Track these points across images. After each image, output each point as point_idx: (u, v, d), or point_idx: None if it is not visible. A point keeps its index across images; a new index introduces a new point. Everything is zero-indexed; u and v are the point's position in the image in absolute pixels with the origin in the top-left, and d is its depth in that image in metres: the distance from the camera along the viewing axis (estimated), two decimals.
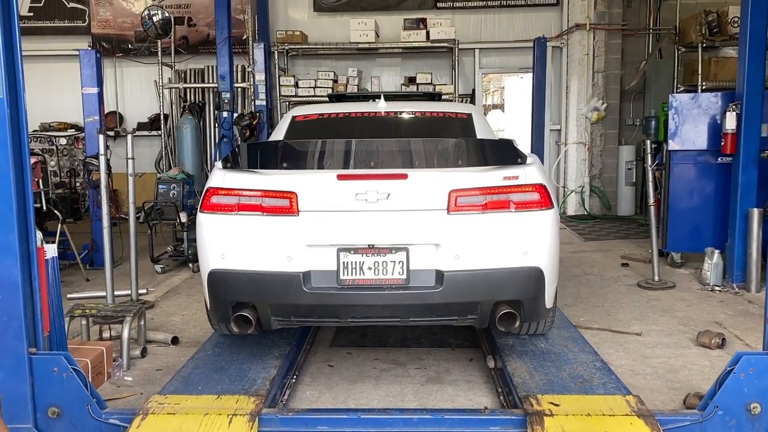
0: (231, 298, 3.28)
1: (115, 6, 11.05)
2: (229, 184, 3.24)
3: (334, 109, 4.44)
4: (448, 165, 3.19)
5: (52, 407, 3.04)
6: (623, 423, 2.86)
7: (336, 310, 3.22)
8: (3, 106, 2.82)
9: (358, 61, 10.78)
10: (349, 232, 3.13)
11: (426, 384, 4.00)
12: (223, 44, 8.46)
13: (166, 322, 5.23)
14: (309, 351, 4.51)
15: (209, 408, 3.02)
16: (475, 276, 3.13)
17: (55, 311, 3.46)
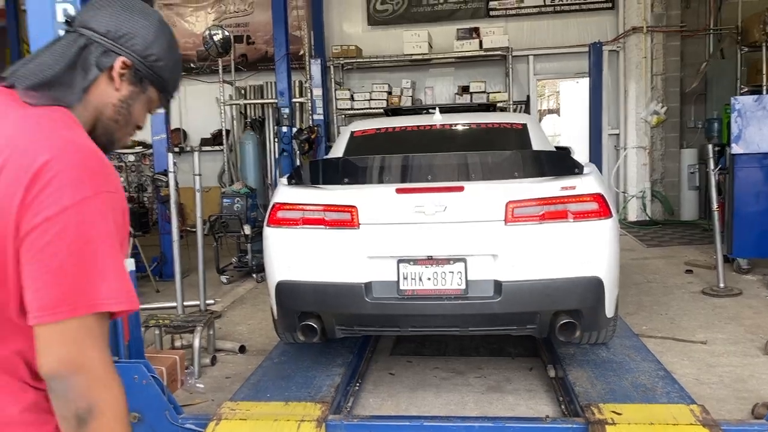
0: (297, 308, 3.43)
1: (179, 27, 11.53)
2: (294, 199, 3.39)
3: (390, 123, 4.56)
4: (504, 176, 3.25)
5: (133, 412, 3.23)
6: None
7: (397, 319, 3.32)
8: None
9: (412, 72, 10.91)
10: (409, 244, 3.23)
11: (486, 393, 4.05)
12: (282, 61, 8.73)
13: (233, 331, 5.44)
14: (370, 360, 4.62)
15: (278, 414, 3.16)
16: (533, 286, 3.18)
17: (133, 322, 3.69)
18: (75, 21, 1.30)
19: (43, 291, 1.11)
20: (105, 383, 1.15)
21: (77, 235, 1.11)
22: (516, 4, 10.67)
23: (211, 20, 11.33)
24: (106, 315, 1.16)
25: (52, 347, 1.12)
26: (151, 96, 1.37)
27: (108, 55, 1.27)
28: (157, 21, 1.34)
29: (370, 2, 11.05)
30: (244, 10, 11.38)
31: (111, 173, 1.20)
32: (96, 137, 1.29)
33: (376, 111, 10.29)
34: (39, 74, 1.22)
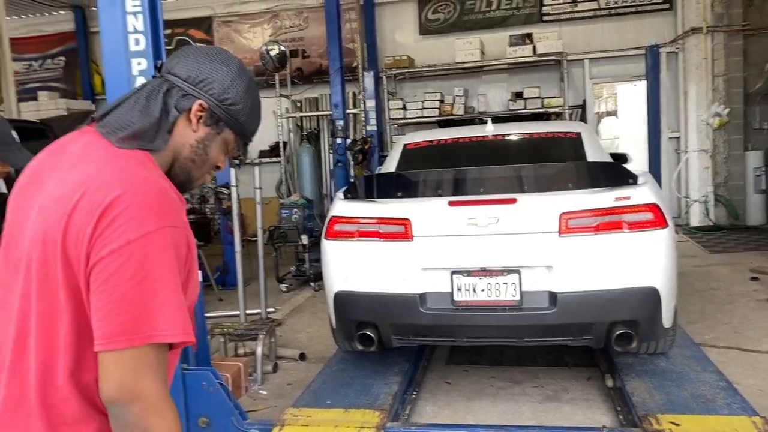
0: (355, 317, 3.54)
1: (236, 44, 11.91)
2: (349, 212, 3.51)
3: (443, 135, 4.64)
4: (557, 188, 3.28)
5: (202, 417, 3.40)
6: None
7: (452, 329, 3.40)
8: None
9: (464, 79, 10.94)
10: (462, 256, 3.30)
11: (543, 402, 4.06)
12: (336, 74, 8.92)
13: (293, 338, 5.61)
14: (427, 368, 4.69)
15: (338, 421, 3.27)
16: (588, 297, 3.19)
17: (200, 330, 3.87)
18: (163, 67, 1.40)
19: (105, 320, 1.17)
20: (159, 412, 1.19)
21: (139, 268, 1.17)
22: (570, 8, 10.58)
23: (267, 36, 11.65)
24: (164, 346, 1.20)
25: (111, 374, 1.18)
26: (228, 138, 1.43)
27: (187, 98, 1.36)
28: (236, 68, 1.41)
29: (422, 13, 11.16)
30: (299, 24, 11.66)
31: (177, 209, 1.27)
32: (173, 176, 1.38)
33: (429, 119, 10.38)
34: (127, 127, 1.32)
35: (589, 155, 3.88)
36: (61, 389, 1.24)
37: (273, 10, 11.78)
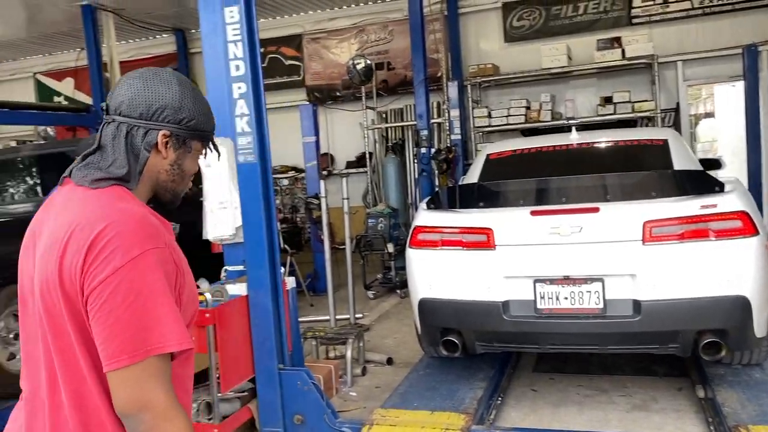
0: (439, 324, 3.68)
1: (325, 59, 12.33)
2: (433, 222, 3.66)
3: (526, 144, 4.70)
4: (641, 196, 3.29)
5: (297, 415, 3.64)
6: None
7: (535, 337, 3.46)
8: (257, 170, 3.53)
9: (551, 85, 10.83)
10: (544, 264, 3.36)
11: (631, 411, 4.03)
12: (420, 86, 9.10)
13: (380, 343, 5.80)
14: (512, 375, 4.74)
15: (424, 422, 3.41)
16: (673, 305, 3.18)
17: (294, 334, 4.13)
18: (109, 110, 1.45)
19: (106, 343, 1.27)
20: (169, 418, 1.28)
21: (129, 290, 1.27)
22: (660, 9, 10.27)
23: (354, 50, 11.99)
24: (165, 356, 1.29)
25: (119, 390, 1.27)
26: (196, 148, 1.51)
27: (150, 134, 1.43)
28: (176, 84, 1.46)
29: (506, 20, 11.15)
30: (384, 38, 11.93)
31: (158, 232, 1.36)
32: (160, 198, 1.50)
33: (515, 127, 10.35)
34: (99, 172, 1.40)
35: (675, 163, 3.84)
36: (95, 412, 1.33)
37: (359, 24, 12.11)
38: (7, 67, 14.29)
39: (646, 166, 3.81)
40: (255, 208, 3.56)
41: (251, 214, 3.56)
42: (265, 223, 3.56)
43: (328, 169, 12.19)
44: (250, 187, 3.54)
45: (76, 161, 1.45)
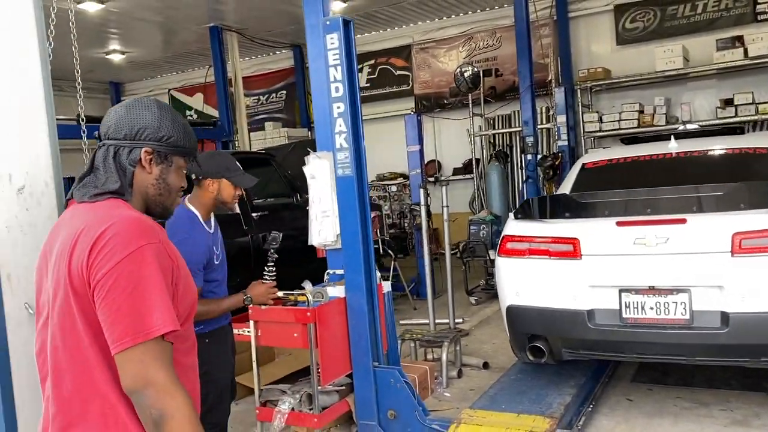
0: (526, 330, 3.81)
1: (433, 68, 12.60)
2: (521, 231, 3.79)
3: (623, 154, 4.70)
4: (729, 208, 3.26)
5: (390, 410, 3.90)
6: None
7: (620, 345, 3.51)
8: (353, 182, 3.83)
9: (666, 88, 10.46)
10: (630, 274, 3.41)
11: (729, 426, 3.95)
12: (526, 92, 9.13)
13: (478, 348, 5.95)
14: (608, 384, 4.74)
15: (510, 423, 3.56)
16: (764, 318, 3.13)
17: (390, 334, 4.39)
18: (102, 137, 1.65)
19: (111, 329, 1.44)
20: (170, 393, 1.42)
21: (128, 281, 1.43)
22: None
23: (462, 58, 12.17)
24: (163, 339, 1.45)
25: (125, 370, 1.43)
26: (179, 163, 1.69)
27: (133, 152, 1.61)
28: (155, 108, 1.64)
29: (619, 22, 10.89)
30: (492, 45, 12.02)
31: (154, 231, 1.52)
32: (151, 212, 1.66)
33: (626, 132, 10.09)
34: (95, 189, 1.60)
35: None
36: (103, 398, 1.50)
37: (468, 33, 12.29)
38: (146, 84, 15.78)
39: (746, 176, 3.71)
40: (351, 218, 3.86)
41: (348, 223, 3.86)
42: (360, 231, 3.85)
43: (436, 175, 12.43)
44: (347, 198, 3.85)
45: (75, 183, 1.64)
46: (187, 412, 1.44)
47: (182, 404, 1.43)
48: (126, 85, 15.92)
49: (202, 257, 3.07)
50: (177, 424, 1.40)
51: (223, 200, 3.29)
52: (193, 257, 3.01)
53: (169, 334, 1.46)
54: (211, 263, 3.17)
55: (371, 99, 13.13)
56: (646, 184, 3.94)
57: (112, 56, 12.75)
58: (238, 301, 3.28)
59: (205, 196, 3.26)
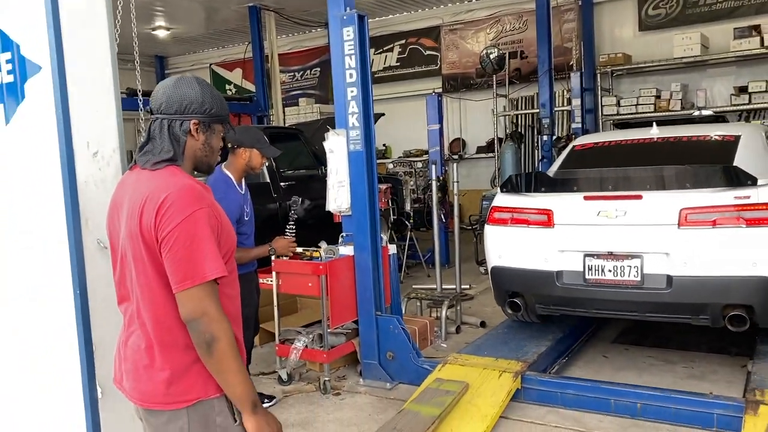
0: (506, 288, 4.42)
1: (461, 49, 13.06)
2: (505, 203, 4.38)
3: (610, 138, 5.21)
4: (679, 187, 3.78)
5: (389, 352, 4.56)
6: None
7: (583, 302, 4.09)
8: (363, 156, 4.46)
9: (686, 74, 10.76)
10: (593, 241, 3.98)
11: (686, 379, 4.50)
12: (544, 76, 9.58)
13: (480, 310, 6.57)
14: (588, 343, 5.33)
15: (487, 365, 4.19)
16: (701, 281, 3.67)
17: (394, 290, 5.04)
18: (154, 111, 1.93)
19: (174, 274, 1.76)
20: (218, 321, 1.75)
21: (186, 238, 1.75)
22: None
23: (489, 40, 12.60)
24: (213, 281, 1.77)
25: (185, 304, 1.76)
26: (218, 129, 1.99)
27: (184, 124, 1.90)
28: (197, 85, 1.93)
29: (642, 9, 11.18)
30: (519, 27, 12.41)
31: (202, 196, 1.81)
32: (199, 169, 2.00)
33: (643, 116, 10.45)
34: (155, 157, 1.88)
35: (737, 160, 4.18)
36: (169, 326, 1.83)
37: (495, 15, 12.69)
38: (188, 59, 16.55)
39: (706, 160, 4.20)
40: (360, 187, 4.49)
41: (357, 192, 4.50)
42: (368, 199, 4.49)
43: (460, 153, 12.97)
44: (357, 170, 4.48)
45: (137, 152, 1.96)
46: (230, 335, 1.79)
47: (227, 329, 1.78)
48: (170, 59, 16.70)
49: (234, 213, 3.75)
50: (223, 344, 1.76)
51: (252, 167, 3.97)
52: (227, 213, 3.70)
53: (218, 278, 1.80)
54: (241, 219, 3.85)
55: (400, 78, 13.67)
56: (624, 164, 4.45)
57: (157, 32, 13.50)
58: (264, 251, 3.97)
59: (238, 163, 3.94)
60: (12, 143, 2.75)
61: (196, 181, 1.90)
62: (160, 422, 1.87)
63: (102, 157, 2.75)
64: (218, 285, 1.82)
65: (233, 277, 1.97)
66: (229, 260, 1.94)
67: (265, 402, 4.20)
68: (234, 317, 1.96)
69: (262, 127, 8.25)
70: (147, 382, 1.86)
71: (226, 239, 1.90)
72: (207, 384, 1.83)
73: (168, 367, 1.84)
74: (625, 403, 3.78)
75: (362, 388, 4.58)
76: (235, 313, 1.97)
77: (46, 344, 2.80)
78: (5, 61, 2.69)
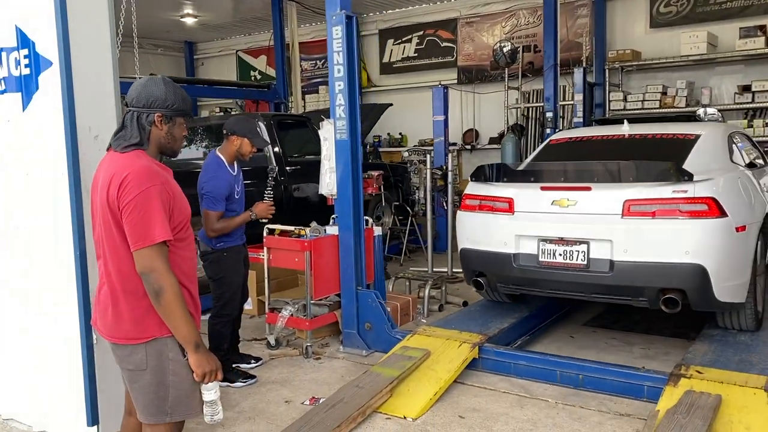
0: (471, 267, 4.85)
1: (476, 41, 13.37)
2: (475, 191, 4.80)
3: (583, 133, 5.57)
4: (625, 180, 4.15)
5: (367, 323, 5.03)
6: (747, 393, 3.50)
7: (536, 282, 4.50)
8: (348, 145, 4.91)
9: (694, 71, 10.92)
10: (547, 228, 4.37)
11: (639, 358, 4.86)
12: (549, 71, 9.88)
13: (466, 292, 6.95)
14: (558, 324, 5.71)
15: (450, 336, 4.63)
16: (639, 266, 4.05)
17: (378, 268, 5.51)
18: (128, 103, 2.35)
19: (130, 236, 2.21)
20: (164, 276, 2.18)
21: (141, 208, 2.18)
22: None
23: (505, 33, 12.89)
24: (162, 243, 2.20)
25: (139, 260, 2.20)
26: (180, 121, 2.40)
27: (149, 116, 2.33)
28: (162, 84, 2.34)
29: (653, 6, 11.35)
30: (533, 21, 12.66)
31: (158, 175, 2.24)
32: (164, 152, 2.41)
33: (649, 113, 10.66)
34: (125, 142, 2.32)
35: (691, 157, 4.51)
36: (129, 277, 2.28)
37: (511, 10, 12.95)
38: (216, 45, 17.12)
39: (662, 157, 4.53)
40: (345, 173, 4.95)
41: (342, 177, 4.96)
42: (351, 183, 4.94)
43: (472, 144, 13.33)
44: (342, 157, 4.94)
45: (112, 137, 2.39)
46: (176, 288, 2.22)
47: (173, 283, 2.22)
48: (198, 44, 17.31)
49: (224, 190, 4.25)
50: (169, 294, 2.20)
51: (242, 153, 4.45)
52: (217, 189, 4.22)
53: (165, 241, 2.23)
54: (231, 196, 4.34)
55: (417, 68, 14.04)
56: (590, 158, 4.82)
57: (185, 19, 14.08)
58: (246, 217, 4.42)
59: (230, 148, 4.43)
60: (28, 126, 3.29)
61: (156, 163, 2.35)
62: (124, 354, 2.36)
63: (102, 140, 3.26)
64: (168, 247, 2.25)
65: (189, 241, 2.44)
66: (184, 228, 2.39)
67: (251, 363, 4.71)
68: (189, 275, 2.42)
69: (272, 114, 8.74)
70: (113, 323, 2.35)
71: (177, 214, 2.33)
72: (161, 325, 2.30)
73: (129, 310, 2.31)
74: (569, 374, 4.20)
75: (341, 354, 5.06)
76: (189, 272, 2.44)
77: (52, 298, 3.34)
78: (23, 56, 3.22)
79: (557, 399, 4.09)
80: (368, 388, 3.95)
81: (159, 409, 2.35)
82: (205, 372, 2.29)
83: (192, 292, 2.41)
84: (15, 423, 3.72)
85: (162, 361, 2.32)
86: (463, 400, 4.11)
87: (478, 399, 4.13)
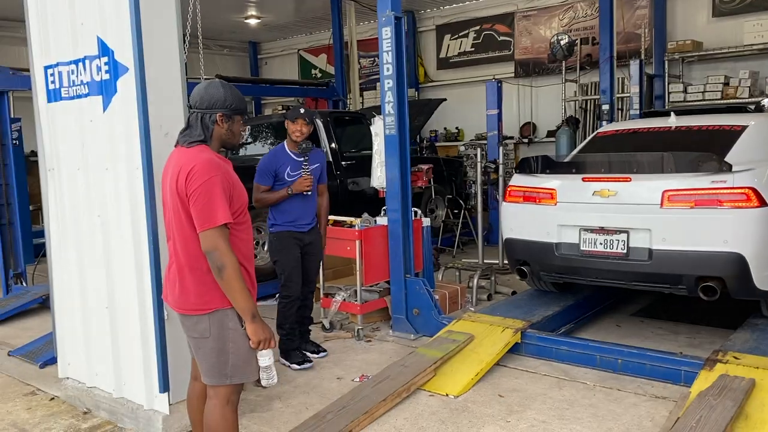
0: (516, 257, 5.03)
1: (533, 34, 13.37)
2: (519, 183, 4.98)
3: (631, 126, 5.65)
4: (664, 171, 4.25)
5: (415, 308, 5.29)
6: None
7: (577, 270, 4.65)
8: (396, 140, 5.17)
9: (757, 61, 10.62)
10: (588, 217, 4.52)
11: (683, 346, 4.92)
12: (605, 63, 9.83)
13: (516, 283, 7.08)
14: (605, 314, 5.80)
15: (494, 322, 4.83)
16: (677, 255, 4.15)
17: (426, 258, 5.76)
18: (192, 105, 2.67)
19: (196, 219, 2.50)
20: (227, 254, 2.47)
21: (205, 195, 2.47)
22: None
23: (562, 26, 12.84)
24: (224, 226, 2.49)
25: (204, 240, 2.49)
26: (238, 119, 2.70)
27: (212, 116, 2.64)
28: (221, 86, 2.66)
29: None
30: (591, 14, 12.56)
31: (219, 167, 2.53)
32: (225, 146, 2.73)
33: (710, 104, 10.47)
34: (190, 138, 2.63)
35: (735, 148, 4.54)
36: (195, 255, 2.59)
37: (569, 2, 12.90)
38: (278, 44, 17.69)
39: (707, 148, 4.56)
40: (394, 166, 5.22)
41: (390, 170, 5.24)
42: (399, 176, 5.20)
43: (530, 137, 13.37)
44: (391, 152, 5.21)
45: (179, 134, 2.71)
46: (236, 265, 2.51)
47: (234, 261, 2.51)
48: (262, 44, 17.92)
49: (269, 166, 4.56)
50: (229, 269, 2.49)
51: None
52: (264, 165, 4.59)
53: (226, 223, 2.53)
54: (281, 176, 4.58)
55: (474, 63, 14.16)
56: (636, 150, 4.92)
57: (249, 20, 14.65)
58: (284, 193, 4.54)
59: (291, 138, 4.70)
60: (108, 125, 3.70)
61: (218, 156, 2.66)
62: (190, 323, 2.71)
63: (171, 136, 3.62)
64: (229, 229, 2.54)
65: (247, 225, 2.75)
66: (242, 213, 2.70)
67: (318, 354, 4.94)
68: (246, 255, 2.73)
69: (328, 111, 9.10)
70: (181, 296, 2.69)
71: (237, 198, 2.63)
72: (222, 298, 2.62)
73: (195, 284, 2.65)
74: (608, 359, 4.34)
75: (391, 338, 5.34)
76: (246, 252, 2.74)
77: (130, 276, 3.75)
78: (104, 63, 3.63)
79: (595, 382, 4.24)
80: (413, 367, 4.21)
81: (220, 373, 2.68)
82: (260, 339, 2.59)
83: (249, 270, 2.72)
84: (98, 390, 4.17)
85: (223, 330, 2.65)
86: (504, 381, 4.32)
87: (519, 380, 4.33)
